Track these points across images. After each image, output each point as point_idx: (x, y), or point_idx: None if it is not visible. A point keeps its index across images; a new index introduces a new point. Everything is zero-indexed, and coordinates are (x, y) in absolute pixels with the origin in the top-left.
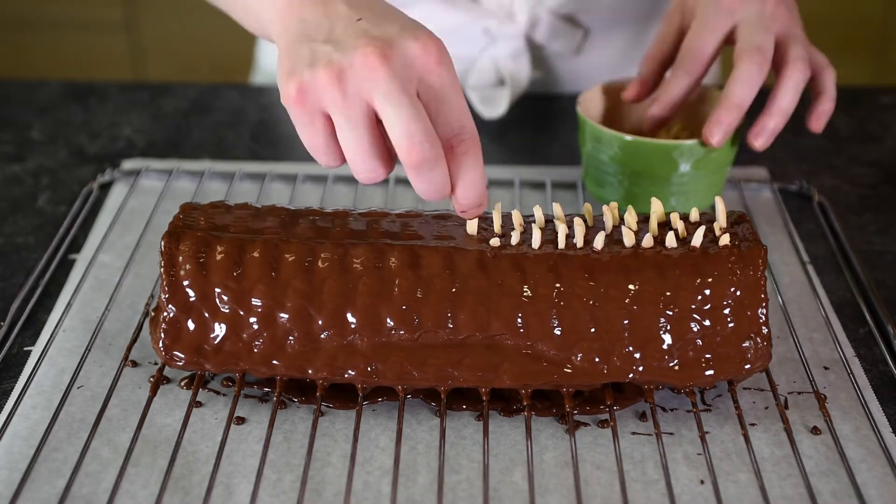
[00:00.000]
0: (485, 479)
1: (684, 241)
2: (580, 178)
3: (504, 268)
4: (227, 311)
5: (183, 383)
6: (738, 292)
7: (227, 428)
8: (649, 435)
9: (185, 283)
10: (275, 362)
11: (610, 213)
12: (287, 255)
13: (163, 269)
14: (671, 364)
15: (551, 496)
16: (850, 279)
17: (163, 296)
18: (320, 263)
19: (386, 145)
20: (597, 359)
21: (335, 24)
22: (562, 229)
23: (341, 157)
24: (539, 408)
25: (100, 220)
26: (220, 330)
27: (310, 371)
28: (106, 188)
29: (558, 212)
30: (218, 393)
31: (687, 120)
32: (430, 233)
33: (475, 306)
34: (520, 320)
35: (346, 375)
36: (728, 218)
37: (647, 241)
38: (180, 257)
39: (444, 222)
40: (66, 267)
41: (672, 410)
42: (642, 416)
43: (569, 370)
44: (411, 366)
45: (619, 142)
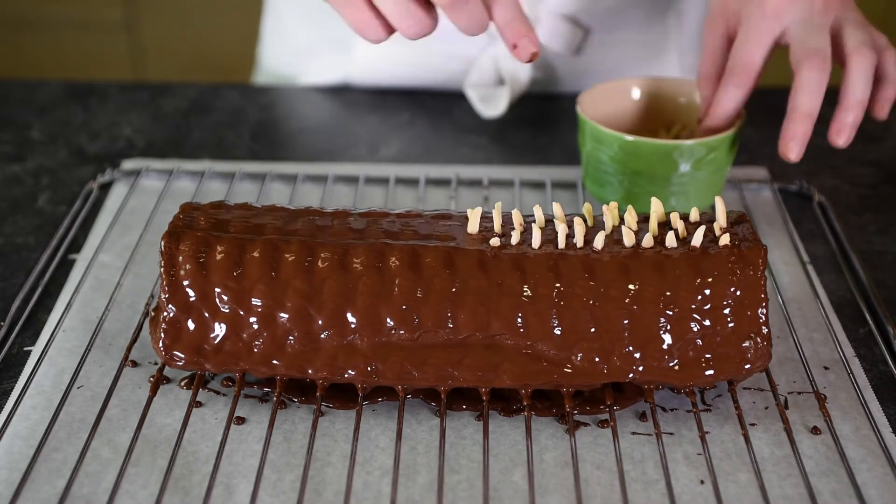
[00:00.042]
0: (485, 479)
1: (684, 240)
2: (580, 178)
3: (504, 267)
4: (227, 311)
5: (183, 383)
6: (738, 292)
7: (227, 428)
8: (649, 435)
9: (185, 283)
10: (275, 362)
11: (610, 213)
12: (287, 255)
13: (163, 269)
14: (671, 364)
15: (551, 496)
16: (850, 279)
17: (163, 296)
18: (320, 263)
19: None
20: (597, 359)
21: None
22: (562, 229)
23: (386, 27)
24: (539, 408)
25: (100, 220)
26: (220, 330)
27: (310, 371)
28: (106, 188)
29: (558, 212)
30: (218, 393)
31: (687, 120)
32: (430, 233)
33: (475, 306)
34: (520, 320)
35: (346, 375)
36: (728, 218)
37: (647, 240)
38: (180, 257)
39: (444, 222)
40: (66, 267)
41: (672, 410)
42: (642, 416)
43: (569, 370)
44: (411, 366)
45: (619, 142)
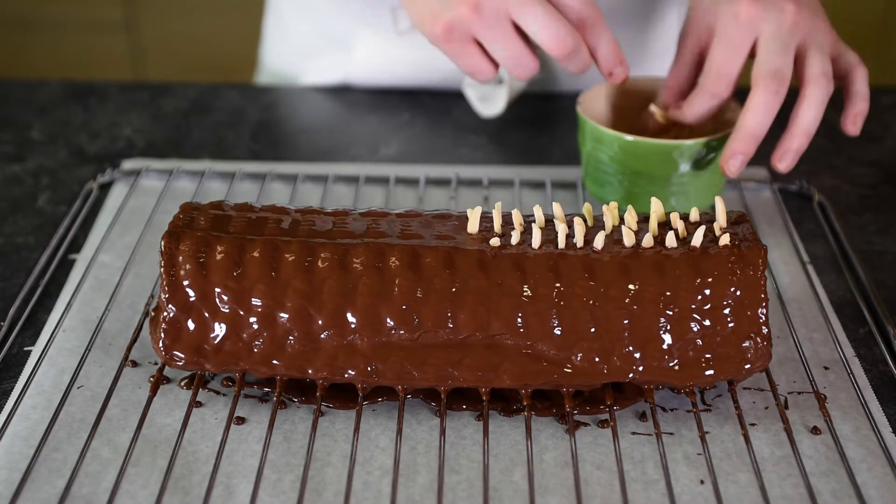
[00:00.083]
0: (485, 479)
1: (684, 240)
2: (580, 178)
3: (504, 267)
4: (227, 310)
5: (183, 383)
6: (738, 292)
7: (227, 428)
8: (649, 435)
9: (185, 283)
10: (275, 362)
11: (610, 213)
12: (287, 255)
13: (163, 269)
14: (671, 364)
15: (551, 496)
16: (850, 279)
17: (163, 296)
18: (320, 263)
19: (528, 42)
20: (597, 359)
21: None
22: (562, 229)
23: (493, 69)
24: (539, 408)
25: (100, 220)
26: (220, 330)
27: (310, 371)
28: (106, 188)
29: (558, 212)
30: (218, 393)
31: None
32: (430, 233)
33: (475, 306)
34: (520, 320)
35: (346, 375)
36: (728, 218)
37: (647, 240)
38: (180, 257)
39: (444, 222)
40: (66, 267)
41: (672, 410)
42: (642, 416)
43: (569, 370)
44: (411, 366)
45: (619, 142)
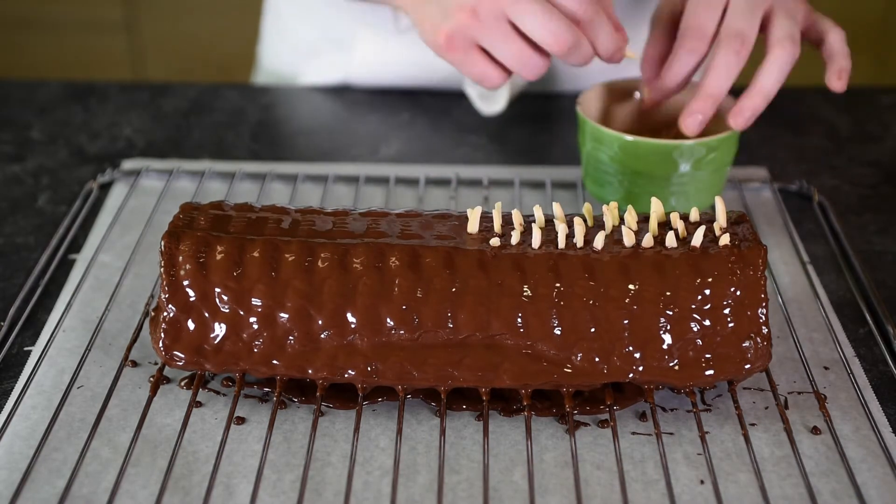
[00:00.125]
0: (485, 479)
1: (684, 240)
2: (580, 178)
3: (504, 268)
4: (227, 311)
5: (183, 383)
6: (738, 292)
7: (227, 428)
8: (649, 435)
9: (185, 283)
10: (275, 362)
11: (610, 213)
12: (287, 255)
13: (163, 269)
14: (671, 364)
15: (551, 496)
16: (850, 279)
17: (163, 296)
18: (320, 263)
19: (531, 41)
20: (597, 359)
21: None
22: (562, 229)
23: (503, 74)
24: (539, 408)
25: (100, 220)
26: (220, 330)
27: (310, 371)
28: (106, 188)
29: (558, 212)
30: (218, 393)
31: None
32: (430, 233)
33: (475, 306)
34: (520, 320)
35: (346, 375)
36: (728, 218)
37: (647, 240)
38: (180, 257)
39: (444, 222)
40: (66, 267)
41: (672, 410)
42: (642, 416)
43: (569, 370)
44: (411, 366)
45: (619, 142)
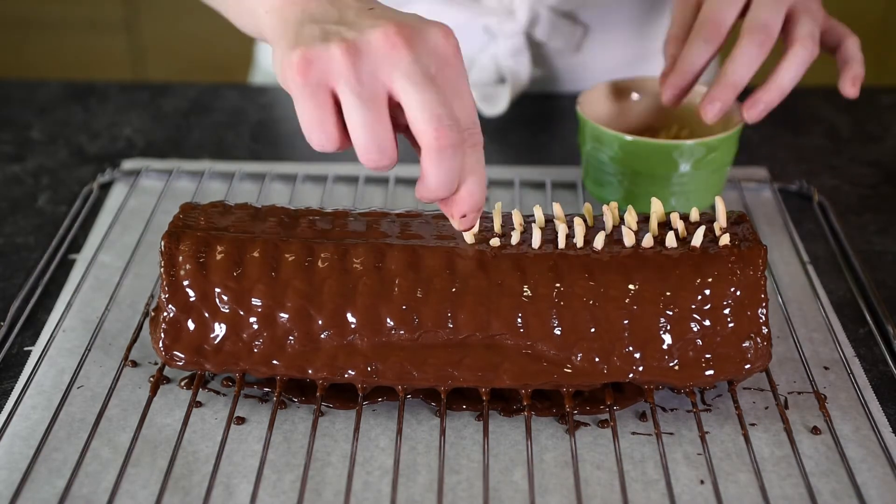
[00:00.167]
0: (485, 479)
1: (684, 241)
2: (580, 178)
3: (504, 268)
4: (227, 311)
5: (183, 383)
6: (738, 292)
7: (227, 428)
8: (649, 435)
9: (185, 283)
10: (275, 362)
11: (610, 213)
12: (287, 255)
13: (163, 269)
14: (671, 364)
15: (551, 496)
16: (850, 279)
17: (163, 296)
18: (320, 263)
19: (395, 132)
20: (597, 359)
21: (345, 11)
22: (562, 229)
23: (339, 139)
24: (539, 408)
25: (100, 220)
26: (220, 330)
27: (310, 371)
28: (106, 188)
29: (558, 212)
30: (218, 393)
31: (687, 120)
32: (430, 233)
33: (475, 306)
34: (520, 320)
35: (346, 375)
36: (728, 218)
37: (647, 241)
38: (180, 257)
39: (444, 222)
40: (66, 267)
41: (672, 410)
42: (642, 416)
43: (569, 370)
44: (411, 366)
45: (619, 142)
